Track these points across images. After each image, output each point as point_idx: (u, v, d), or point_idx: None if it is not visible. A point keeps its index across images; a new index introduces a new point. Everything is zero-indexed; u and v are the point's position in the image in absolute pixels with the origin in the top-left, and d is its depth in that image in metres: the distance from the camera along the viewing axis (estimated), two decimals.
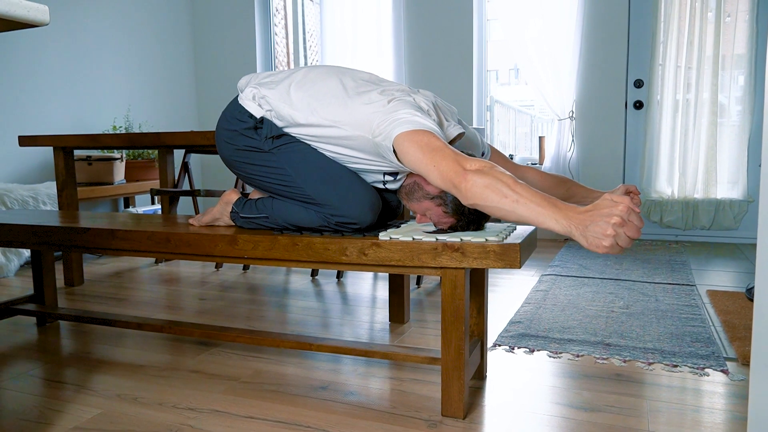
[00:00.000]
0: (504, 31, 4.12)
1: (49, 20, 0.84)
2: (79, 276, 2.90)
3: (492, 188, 1.19)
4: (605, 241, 1.06)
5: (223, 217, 1.72)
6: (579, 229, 1.09)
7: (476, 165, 1.25)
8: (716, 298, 2.43)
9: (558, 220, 1.12)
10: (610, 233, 1.05)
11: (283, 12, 5.13)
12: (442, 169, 1.27)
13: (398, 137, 1.35)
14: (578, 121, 4.01)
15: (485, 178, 1.21)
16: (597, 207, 1.08)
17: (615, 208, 1.06)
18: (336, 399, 1.55)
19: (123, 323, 1.91)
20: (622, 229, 1.05)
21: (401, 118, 1.37)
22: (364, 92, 1.49)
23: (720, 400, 1.51)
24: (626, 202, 1.06)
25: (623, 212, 1.05)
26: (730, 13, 3.69)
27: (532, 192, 1.17)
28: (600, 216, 1.06)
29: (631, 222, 1.05)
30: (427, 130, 1.33)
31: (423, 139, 1.32)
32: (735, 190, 3.79)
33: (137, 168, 4.06)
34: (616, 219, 1.05)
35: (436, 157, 1.28)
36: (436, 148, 1.30)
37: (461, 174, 1.24)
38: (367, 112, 1.44)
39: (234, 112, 1.61)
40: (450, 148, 1.30)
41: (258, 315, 2.34)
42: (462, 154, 1.30)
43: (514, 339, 1.98)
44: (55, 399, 1.57)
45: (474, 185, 1.22)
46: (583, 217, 1.09)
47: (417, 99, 1.48)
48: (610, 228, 1.05)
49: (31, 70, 3.69)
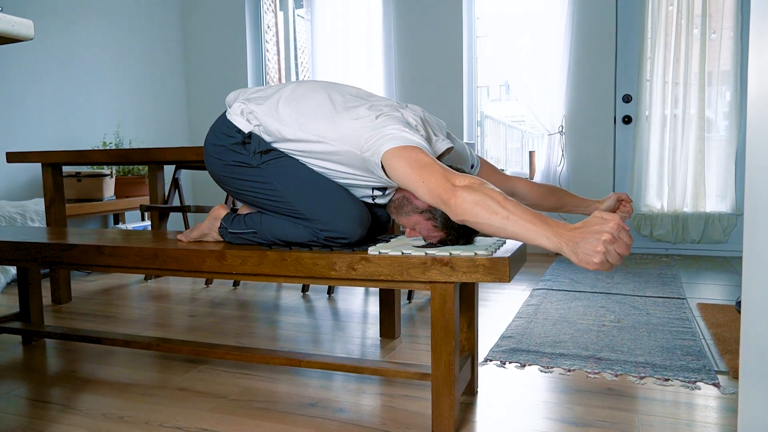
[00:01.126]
0: (494, 48, 4.16)
1: (33, 35, 0.84)
2: (67, 293, 2.87)
3: (482, 205, 1.18)
4: (595, 258, 1.06)
5: (212, 232, 1.71)
6: (569, 245, 1.09)
7: (465, 181, 1.24)
8: (707, 311, 2.43)
9: (549, 237, 1.11)
10: (601, 250, 1.05)
11: (275, 28, 5.16)
12: (430, 186, 1.27)
13: (386, 153, 1.34)
14: (568, 136, 4.03)
15: (475, 195, 1.20)
16: (587, 224, 1.08)
17: (605, 225, 1.06)
18: (326, 416, 1.53)
19: (110, 341, 1.89)
20: (612, 246, 1.05)
21: (389, 134, 1.37)
22: (352, 107, 1.50)
23: (712, 413, 1.51)
24: (616, 219, 1.06)
25: (613, 229, 1.05)
26: (716, 30, 3.74)
27: (523, 209, 1.17)
28: (590, 233, 1.06)
29: (621, 239, 1.06)
30: (415, 146, 1.33)
31: (411, 155, 1.31)
32: (724, 203, 3.82)
33: (127, 184, 4.04)
34: (607, 236, 1.05)
35: (425, 173, 1.28)
36: (424, 164, 1.29)
37: (450, 190, 1.23)
38: (355, 127, 1.44)
39: (222, 127, 1.61)
40: (438, 164, 1.30)
41: (248, 332, 2.31)
42: (451, 170, 1.30)
43: (506, 354, 1.97)
44: (40, 419, 1.54)
45: (463, 201, 1.21)
46: (574, 234, 1.09)
47: (405, 114, 1.48)
48: (601, 245, 1.05)
49: (19, 85, 3.68)
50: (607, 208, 1.67)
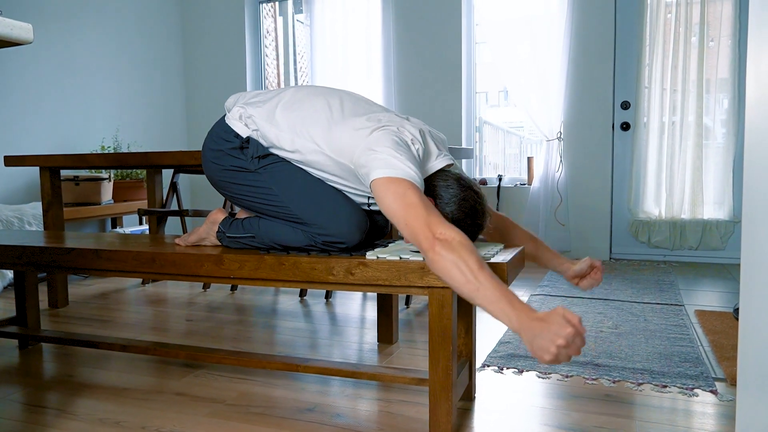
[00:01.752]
0: (493, 54, 4.17)
1: (32, 39, 0.84)
2: (64, 297, 2.86)
3: (457, 268, 1.19)
4: (546, 356, 1.10)
5: (210, 236, 1.71)
6: (527, 335, 1.12)
7: (446, 234, 1.24)
8: (704, 318, 2.43)
9: (511, 320, 1.15)
10: (553, 351, 1.09)
11: (274, 34, 5.17)
12: (412, 229, 1.27)
13: (375, 182, 1.33)
14: (566, 142, 4.04)
15: (452, 255, 1.20)
16: (549, 320, 1.11)
17: (563, 329, 1.09)
18: (323, 421, 1.53)
19: (107, 345, 1.88)
20: (564, 350, 1.09)
21: (381, 159, 1.34)
22: (349, 118, 1.48)
23: (709, 420, 1.51)
24: (575, 325, 1.09)
25: (569, 336, 1.08)
26: (714, 37, 3.76)
27: (494, 283, 1.18)
28: (548, 331, 1.10)
29: (575, 344, 1.10)
30: (404, 179, 1.31)
31: (399, 190, 1.30)
32: (721, 210, 3.82)
33: (125, 188, 4.03)
34: (561, 341, 1.08)
35: (409, 214, 1.27)
36: (410, 203, 1.28)
37: (430, 241, 1.23)
38: (350, 139, 1.43)
39: (220, 132, 1.61)
40: (423, 206, 1.28)
41: (245, 336, 2.31)
42: (434, 214, 1.28)
43: (503, 359, 1.97)
44: (35, 424, 1.53)
45: (440, 259, 1.21)
46: (533, 325, 1.12)
47: (402, 129, 1.44)
48: (554, 347, 1.09)
49: (17, 89, 3.68)
50: (578, 271, 1.68)
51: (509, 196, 4.24)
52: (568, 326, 1.08)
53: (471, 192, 1.47)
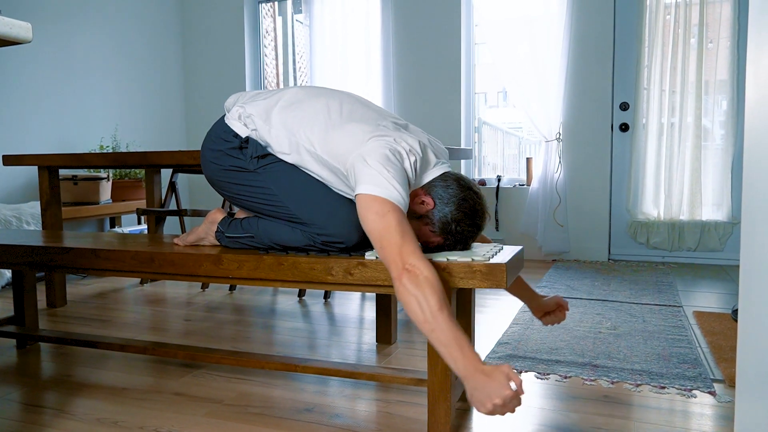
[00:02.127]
0: (492, 55, 4.17)
1: (32, 38, 0.84)
2: (62, 297, 2.85)
3: (418, 304, 1.22)
4: (482, 409, 1.15)
5: (209, 236, 1.71)
6: (469, 384, 1.17)
7: (415, 267, 1.25)
8: (703, 319, 2.43)
9: (458, 366, 1.18)
10: (489, 408, 1.13)
11: (273, 33, 5.17)
12: (384, 254, 1.29)
13: (360, 197, 1.34)
14: (565, 143, 4.04)
15: (416, 290, 1.22)
16: (492, 377, 1.14)
17: (503, 389, 1.12)
18: (322, 421, 1.53)
19: (105, 345, 1.88)
20: (500, 408, 1.13)
21: (369, 174, 1.34)
22: (347, 122, 1.47)
23: (707, 422, 1.51)
24: (518, 385, 1.13)
25: (507, 398, 1.12)
26: (712, 39, 3.77)
27: (449, 326, 1.20)
28: (490, 387, 1.13)
29: (510, 405, 1.13)
30: (388, 200, 1.31)
31: (380, 210, 1.30)
32: (720, 212, 3.83)
33: (124, 188, 4.03)
34: (498, 401, 1.12)
35: (385, 237, 1.29)
36: (388, 227, 1.29)
37: (399, 270, 1.26)
38: (345, 145, 1.43)
39: (219, 132, 1.61)
40: (400, 232, 1.28)
41: (244, 336, 2.31)
42: (409, 242, 1.28)
43: (502, 360, 1.97)
44: (33, 424, 1.53)
45: (404, 291, 1.24)
46: (476, 378, 1.15)
47: (399, 140, 1.42)
48: (490, 405, 1.13)
49: (16, 88, 3.67)
50: (545, 306, 1.74)
51: (508, 196, 4.24)
52: (507, 388, 1.12)
53: (471, 192, 1.47)
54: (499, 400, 1.11)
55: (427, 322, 1.21)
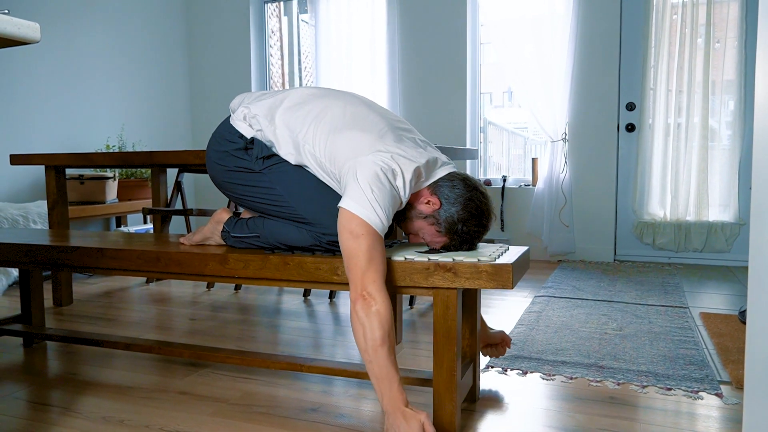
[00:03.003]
0: (498, 55, 4.17)
1: (40, 38, 0.84)
2: (68, 296, 2.87)
3: (362, 333, 1.28)
4: None
5: (214, 236, 1.71)
6: (388, 421, 1.26)
7: (372, 296, 1.29)
8: (709, 320, 2.42)
9: (383, 401, 1.27)
10: None
11: (279, 33, 5.18)
12: (349, 273, 1.33)
13: (342, 210, 1.35)
14: (571, 143, 4.03)
15: (365, 319, 1.27)
16: (408, 421, 1.23)
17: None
18: (327, 421, 1.53)
19: (111, 344, 1.89)
20: None
21: (355, 190, 1.35)
22: (348, 130, 1.47)
23: (714, 424, 1.50)
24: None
25: None
26: (719, 39, 3.75)
27: (386, 363, 1.27)
28: (402, 430, 1.23)
29: None
30: (366, 222, 1.32)
31: (356, 231, 1.32)
32: (727, 212, 3.81)
33: (130, 187, 4.04)
34: None
35: (352, 259, 1.32)
36: (358, 250, 1.31)
37: (356, 294, 1.30)
38: (344, 152, 1.44)
39: (224, 133, 1.61)
40: (367, 258, 1.30)
41: (249, 336, 2.31)
42: (374, 269, 1.30)
43: (507, 361, 1.96)
44: (39, 422, 1.54)
45: (355, 316, 1.29)
46: (396, 417, 1.24)
47: (396, 156, 1.41)
48: None
49: (23, 88, 3.69)
50: (490, 338, 1.78)
51: (513, 197, 4.23)
52: None
53: (477, 192, 1.47)
54: None
55: (366, 352, 1.28)
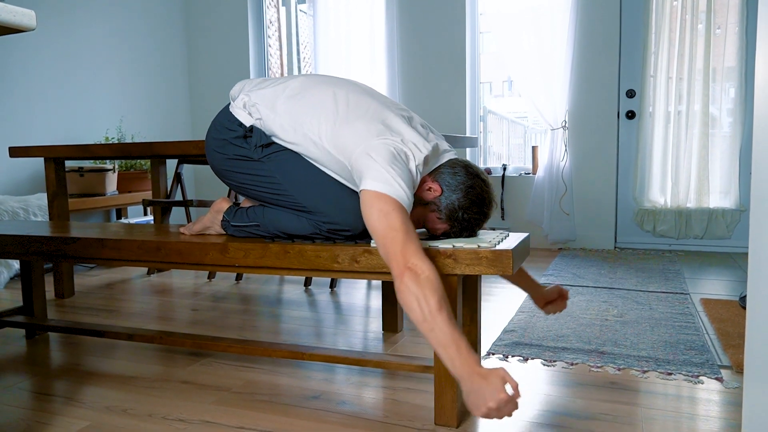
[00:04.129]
0: (497, 44, 4.15)
1: (35, 25, 0.83)
2: (70, 288, 2.87)
3: (417, 303, 1.22)
4: (476, 412, 1.15)
5: (214, 225, 1.71)
6: (465, 386, 1.17)
7: (417, 266, 1.25)
8: (710, 306, 2.42)
9: (455, 367, 1.19)
10: (483, 411, 1.14)
11: (277, 24, 5.15)
12: (387, 252, 1.28)
13: (365, 192, 1.33)
14: (571, 131, 4.02)
15: (417, 289, 1.22)
16: (488, 380, 1.14)
17: (498, 394, 1.12)
18: (328, 408, 1.53)
19: (113, 334, 1.89)
20: (494, 412, 1.13)
21: (375, 169, 1.34)
22: (354, 117, 1.46)
23: (715, 407, 1.50)
24: (514, 389, 1.13)
25: (501, 402, 1.12)
26: (720, 25, 3.73)
27: (448, 327, 1.20)
28: (485, 390, 1.13)
29: (505, 410, 1.13)
30: (392, 198, 1.31)
31: (385, 209, 1.30)
32: (727, 199, 3.81)
33: (129, 179, 4.04)
34: (493, 404, 1.12)
35: (388, 236, 1.28)
36: (392, 225, 1.28)
37: (400, 269, 1.25)
38: (351, 140, 1.43)
39: (224, 121, 1.61)
40: (404, 231, 1.28)
41: (250, 325, 2.32)
42: (412, 241, 1.28)
43: (508, 347, 1.97)
44: (43, 411, 1.55)
45: (405, 290, 1.24)
46: (474, 380, 1.16)
47: (406, 141, 1.42)
48: (485, 408, 1.13)
49: (22, 80, 3.68)
50: (546, 296, 1.75)
51: (514, 185, 4.23)
52: (502, 392, 1.12)
53: (478, 180, 1.47)
54: (494, 404, 1.12)
55: (425, 321, 1.22)
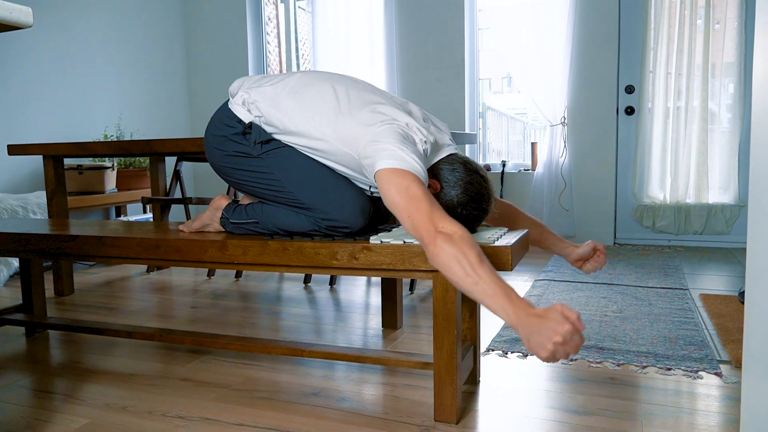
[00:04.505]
0: (496, 40, 4.14)
1: (32, 22, 0.83)
2: (69, 285, 2.87)
3: (457, 261, 1.19)
4: (543, 353, 1.09)
5: (213, 223, 1.71)
6: (525, 331, 1.11)
7: (449, 227, 1.23)
8: (709, 301, 2.43)
9: (509, 315, 1.14)
10: (550, 348, 1.08)
11: (275, 21, 5.14)
12: (415, 222, 1.26)
13: (380, 172, 1.33)
14: (570, 127, 4.02)
15: (453, 248, 1.20)
16: (547, 316, 1.10)
17: (561, 326, 1.07)
18: (328, 405, 1.54)
19: (113, 332, 1.89)
20: (562, 347, 1.08)
21: (386, 150, 1.34)
22: (356, 109, 1.47)
23: (714, 402, 1.51)
24: (573, 322, 1.08)
25: (567, 333, 1.07)
26: (719, 20, 3.72)
27: (493, 278, 1.17)
28: (546, 328, 1.08)
29: (573, 342, 1.08)
30: (409, 172, 1.31)
31: (403, 183, 1.29)
32: (726, 194, 3.81)
33: (129, 177, 4.04)
34: (559, 338, 1.07)
35: (412, 207, 1.27)
36: (413, 196, 1.28)
37: (432, 235, 1.23)
38: (356, 130, 1.43)
39: (223, 118, 1.60)
40: (427, 200, 1.28)
41: (250, 322, 2.32)
42: (437, 207, 1.27)
43: (508, 344, 1.97)
44: (43, 409, 1.55)
45: (441, 252, 1.21)
46: (531, 321, 1.11)
47: (411, 124, 1.43)
48: (551, 344, 1.07)
49: (20, 77, 3.67)
50: (582, 254, 1.69)
51: (513, 182, 4.23)
52: (566, 323, 1.07)
53: (477, 176, 1.47)
54: (560, 338, 1.06)
55: (469, 276, 1.17)
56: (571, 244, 1.72)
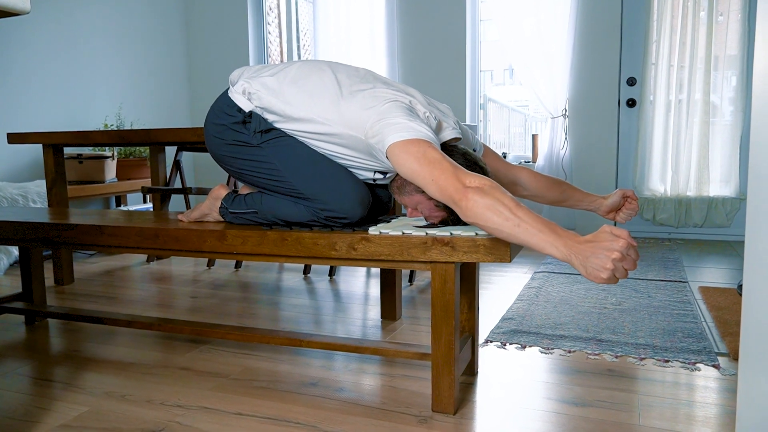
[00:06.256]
0: (498, 32, 4.12)
1: (30, 9, 0.83)
2: (69, 274, 2.88)
3: (493, 209, 1.16)
4: (604, 274, 1.07)
5: (212, 212, 1.71)
6: (579, 258, 1.10)
7: (476, 182, 1.21)
8: (708, 294, 2.43)
9: (558, 248, 1.12)
10: (609, 267, 1.06)
11: (277, 10, 5.12)
12: (440, 184, 1.24)
13: (392, 146, 1.31)
14: (571, 120, 4.01)
15: (486, 198, 1.18)
16: (597, 239, 1.09)
17: (616, 242, 1.06)
18: (326, 395, 1.54)
19: (112, 321, 1.90)
20: (620, 264, 1.07)
21: (396, 123, 1.33)
22: (358, 91, 1.47)
23: (711, 394, 1.51)
24: (626, 237, 1.07)
25: (623, 248, 1.06)
26: (722, 12, 3.70)
27: (534, 216, 1.15)
28: (601, 249, 1.07)
29: (630, 256, 1.07)
30: (422, 139, 1.30)
31: (419, 150, 1.28)
32: (727, 188, 3.80)
33: (129, 166, 4.03)
34: (616, 254, 1.06)
35: (435, 170, 1.25)
36: (433, 160, 1.26)
37: (461, 191, 1.21)
38: (360, 112, 1.42)
39: (222, 106, 1.60)
40: (448, 161, 1.26)
41: (249, 312, 2.32)
42: (461, 167, 1.26)
43: (506, 335, 1.97)
44: (42, 397, 1.55)
45: (475, 204, 1.18)
46: (584, 247, 1.09)
47: (414, 102, 1.44)
48: (610, 262, 1.06)
49: (21, 66, 3.66)
50: (612, 204, 1.65)
51: None
52: (619, 239, 1.06)
53: (477, 168, 1.46)
54: (617, 254, 1.05)
55: (509, 219, 1.15)
56: (599, 196, 1.68)
